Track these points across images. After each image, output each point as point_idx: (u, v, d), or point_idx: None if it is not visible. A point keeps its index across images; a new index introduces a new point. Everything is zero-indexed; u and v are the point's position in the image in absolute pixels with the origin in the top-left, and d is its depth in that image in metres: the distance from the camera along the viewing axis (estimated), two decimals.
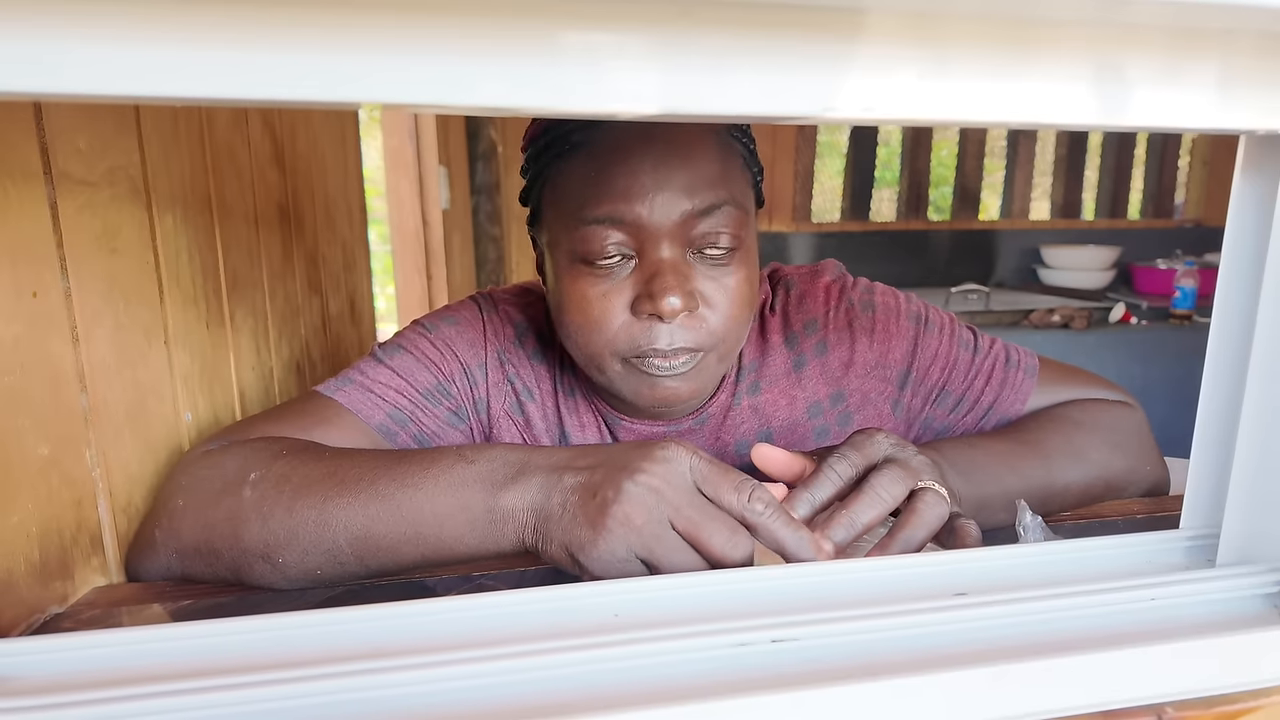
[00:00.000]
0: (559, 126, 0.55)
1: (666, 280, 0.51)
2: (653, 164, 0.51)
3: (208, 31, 0.23)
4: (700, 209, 0.52)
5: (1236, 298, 0.38)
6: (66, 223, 0.48)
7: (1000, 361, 0.66)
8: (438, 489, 0.44)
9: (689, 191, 0.52)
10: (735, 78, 0.27)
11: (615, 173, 0.52)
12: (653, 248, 0.52)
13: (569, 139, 0.54)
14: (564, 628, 0.34)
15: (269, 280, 0.83)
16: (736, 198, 0.54)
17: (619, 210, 0.51)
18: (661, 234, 0.52)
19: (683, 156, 0.52)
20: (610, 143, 0.52)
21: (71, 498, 0.48)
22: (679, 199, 0.51)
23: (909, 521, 0.43)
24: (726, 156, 0.54)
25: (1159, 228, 2.98)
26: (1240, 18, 0.28)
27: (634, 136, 0.52)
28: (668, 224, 0.52)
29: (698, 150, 0.52)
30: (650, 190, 0.51)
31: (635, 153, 0.51)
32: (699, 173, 0.52)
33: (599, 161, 0.52)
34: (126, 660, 0.32)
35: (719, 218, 0.53)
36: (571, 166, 0.54)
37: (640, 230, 0.52)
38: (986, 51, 0.29)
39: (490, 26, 0.25)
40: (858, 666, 0.31)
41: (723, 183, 0.53)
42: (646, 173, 0.51)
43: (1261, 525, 0.37)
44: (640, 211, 0.51)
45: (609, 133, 0.53)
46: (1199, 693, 0.32)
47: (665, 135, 0.52)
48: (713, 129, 0.54)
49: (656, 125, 0.52)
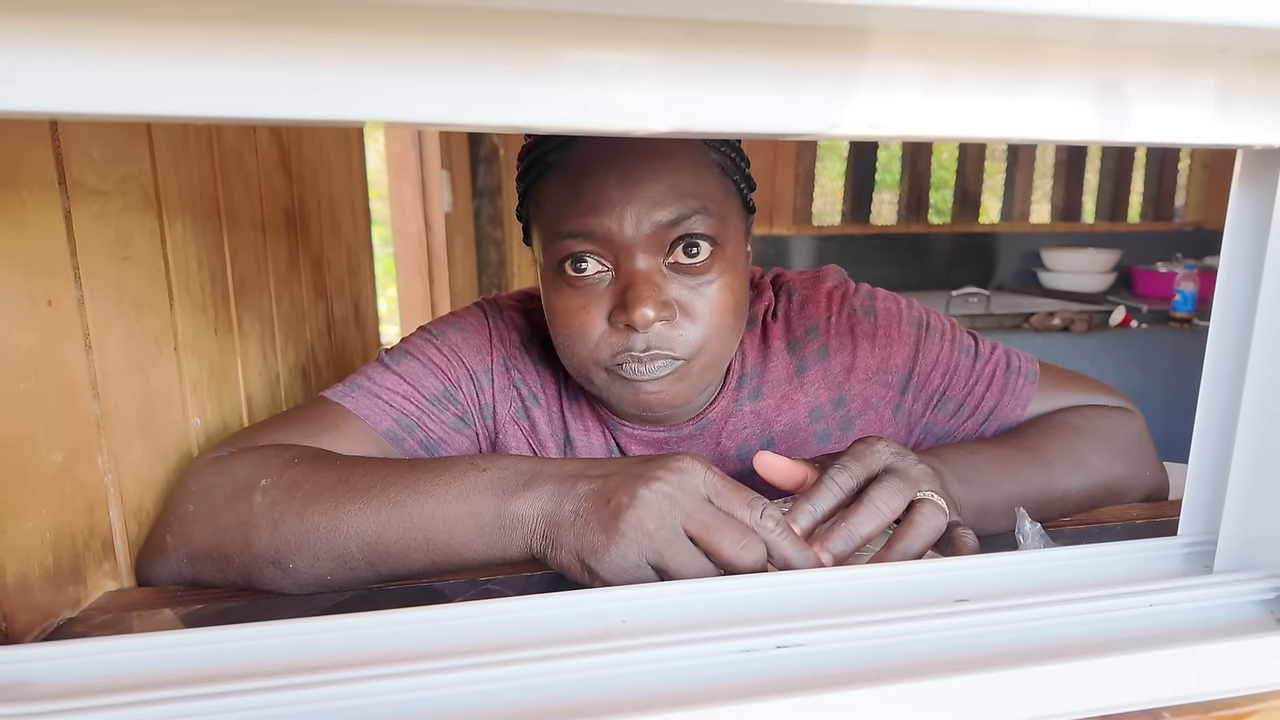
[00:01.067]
0: (539, 146, 0.57)
1: (639, 291, 0.52)
2: (619, 178, 0.52)
3: (219, 53, 0.24)
4: (670, 219, 0.53)
5: (1234, 306, 0.39)
6: (80, 232, 0.48)
7: (1001, 367, 0.67)
8: (449, 495, 0.45)
9: (659, 203, 0.52)
10: (742, 96, 0.28)
11: (585, 188, 0.53)
12: (627, 260, 0.53)
13: (545, 159, 0.56)
14: (571, 633, 0.34)
15: (275, 285, 0.84)
16: (710, 207, 0.54)
17: (590, 225, 0.53)
18: (634, 246, 0.53)
19: (651, 169, 0.53)
20: (581, 160, 0.54)
21: (84, 503, 0.49)
22: (649, 211, 0.52)
23: (906, 533, 0.43)
24: (699, 166, 0.55)
25: (1159, 231, 2.99)
26: (1235, 37, 0.29)
27: (603, 152, 0.53)
28: (640, 236, 0.53)
29: (668, 162, 0.53)
30: (619, 204, 0.52)
31: (604, 168, 0.53)
32: (668, 184, 0.53)
33: (571, 178, 0.54)
34: (139, 665, 0.33)
35: (692, 227, 0.53)
36: (549, 185, 0.56)
37: (613, 243, 0.53)
38: (989, 69, 0.29)
39: (499, 47, 0.25)
40: (861, 672, 0.31)
41: (694, 193, 0.54)
42: (614, 187, 0.52)
43: (1258, 532, 0.38)
44: (610, 225, 0.52)
45: (581, 150, 0.54)
46: (1196, 698, 0.33)
47: (634, 149, 0.53)
48: (685, 140, 0.55)
49: (625, 139, 0.52)
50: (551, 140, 0.56)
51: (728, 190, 0.57)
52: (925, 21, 0.27)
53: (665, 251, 0.54)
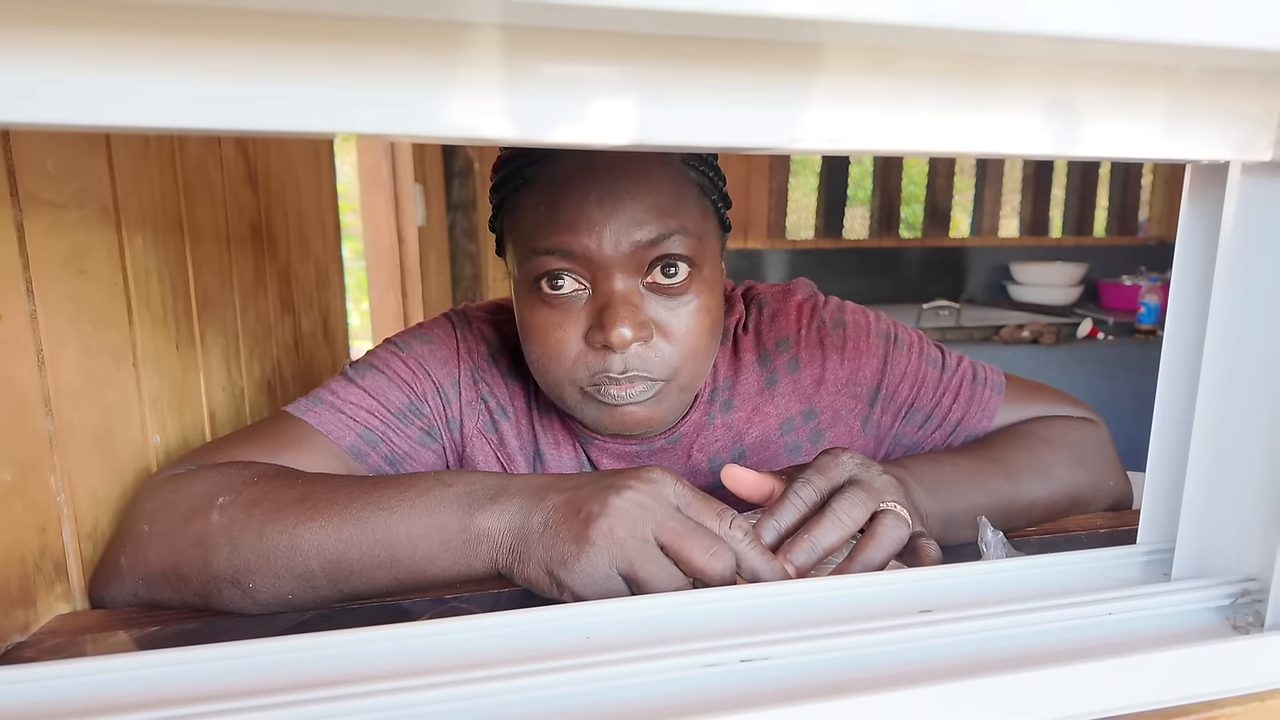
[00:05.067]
0: (516, 159, 0.56)
1: (617, 311, 0.52)
2: (599, 196, 0.52)
3: (181, 62, 0.23)
4: (649, 239, 0.52)
5: (1186, 316, 0.40)
6: (33, 244, 0.47)
7: (968, 379, 0.68)
8: (413, 511, 0.44)
9: (638, 223, 0.52)
10: (704, 110, 0.28)
11: (564, 205, 0.52)
12: (604, 279, 0.53)
13: (523, 173, 0.55)
14: (536, 651, 0.34)
15: (240, 299, 0.83)
16: (689, 227, 0.54)
17: (568, 243, 0.52)
18: (612, 265, 0.52)
19: (631, 188, 0.52)
20: (560, 176, 0.53)
21: (35, 523, 0.48)
22: (628, 230, 0.52)
23: (868, 544, 0.44)
24: (679, 186, 0.55)
25: (1124, 245, 3.06)
26: (1181, 55, 0.30)
27: (583, 169, 0.52)
28: (618, 255, 0.52)
29: (647, 181, 0.53)
30: (598, 222, 0.52)
31: (583, 186, 0.52)
32: (648, 203, 0.52)
33: (550, 194, 0.53)
34: (91, 690, 0.32)
35: (670, 247, 0.53)
36: (526, 199, 0.55)
37: (591, 262, 0.52)
38: (946, 85, 0.30)
39: (465, 59, 0.25)
40: (826, 685, 0.31)
41: (674, 213, 0.53)
42: (594, 205, 0.52)
43: (1214, 539, 0.39)
44: (589, 244, 0.52)
45: (559, 166, 0.53)
46: (1156, 705, 0.33)
47: (614, 167, 0.52)
48: (664, 159, 0.54)
49: (605, 156, 0.52)
50: (530, 154, 0.55)
51: (705, 210, 0.57)
52: (882, 38, 0.27)
53: (643, 272, 0.54)
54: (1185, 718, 0.33)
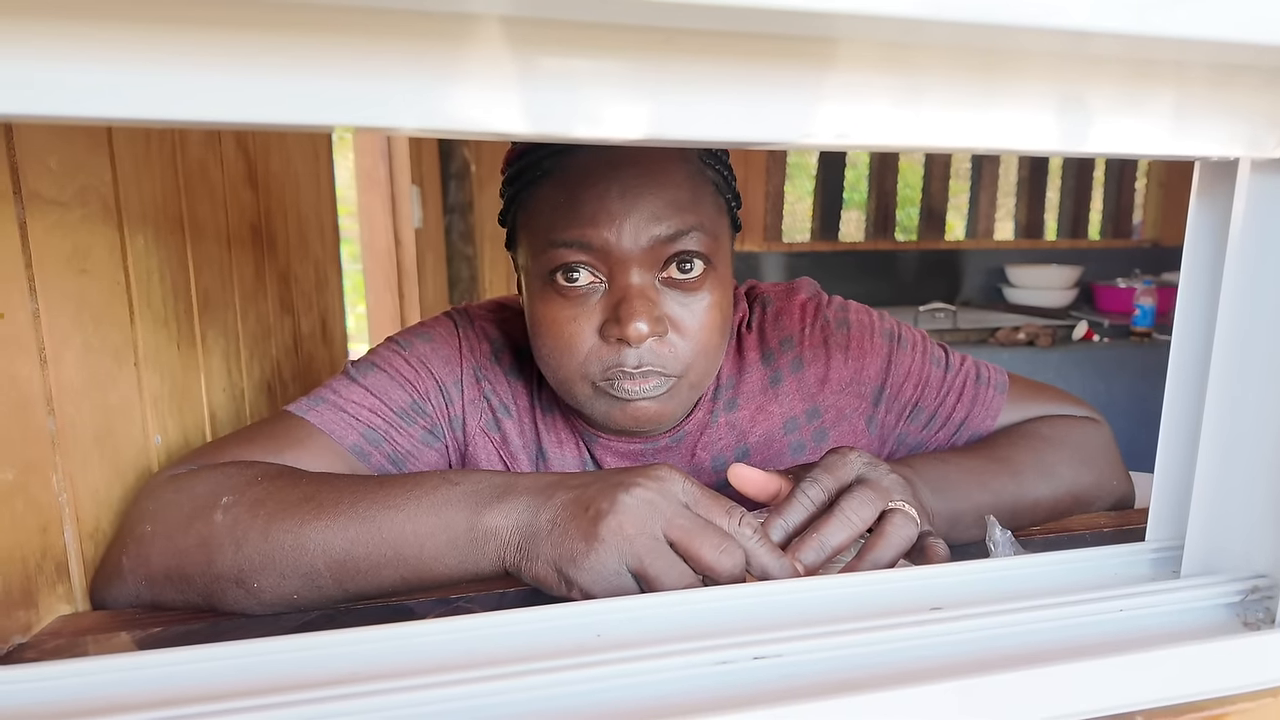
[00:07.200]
0: (532, 152, 0.56)
1: (634, 305, 0.52)
2: (620, 190, 0.52)
3: (182, 55, 0.23)
4: (668, 235, 0.52)
5: (1195, 315, 0.40)
6: (36, 243, 0.47)
7: (971, 378, 0.68)
8: (420, 509, 0.44)
9: (657, 218, 0.52)
10: (715, 104, 0.28)
11: (584, 198, 0.52)
12: (621, 273, 0.53)
13: (540, 165, 0.55)
14: (545, 648, 0.34)
15: (241, 300, 0.82)
16: (706, 224, 0.54)
17: (587, 236, 0.52)
18: (630, 260, 0.52)
19: (651, 183, 0.52)
20: (580, 169, 0.53)
21: (37, 523, 0.47)
22: (647, 225, 0.52)
23: (877, 543, 0.44)
24: (697, 183, 0.55)
25: (1118, 247, 3.07)
26: (1191, 51, 0.30)
27: (603, 163, 0.52)
28: (636, 250, 0.52)
29: (667, 177, 0.53)
30: (618, 216, 0.52)
31: (604, 179, 0.52)
32: (668, 199, 0.53)
33: (569, 187, 0.53)
34: (94, 690, 0.32)
35: (688, 244, 0.53)
36: (543, 191, 0.55)
37: (608, 256, 0.52)
38: (957, 81, 0.30)
39: (477, 54, 0.25)
40: (838, 682, 0.31)
41: (692, 209, 0.54)
42: (614, 199, 0.52)
43: (1223, 536, 0.39)
44: (608, 237, 0.52)
45: (579, 159, 0.53)
46: (1167, 701, 0.33)
47: (634, 161, 0.52)
48: (683, 155, 0.55)
49: (626, 151, 0.52)
50: (547, 146, 0.55)
51: (720, 208, 0.58)
52: (895, 32, 0.27)
53: (660, 267, 0.54)
54: (1196, 714, 0.33)
